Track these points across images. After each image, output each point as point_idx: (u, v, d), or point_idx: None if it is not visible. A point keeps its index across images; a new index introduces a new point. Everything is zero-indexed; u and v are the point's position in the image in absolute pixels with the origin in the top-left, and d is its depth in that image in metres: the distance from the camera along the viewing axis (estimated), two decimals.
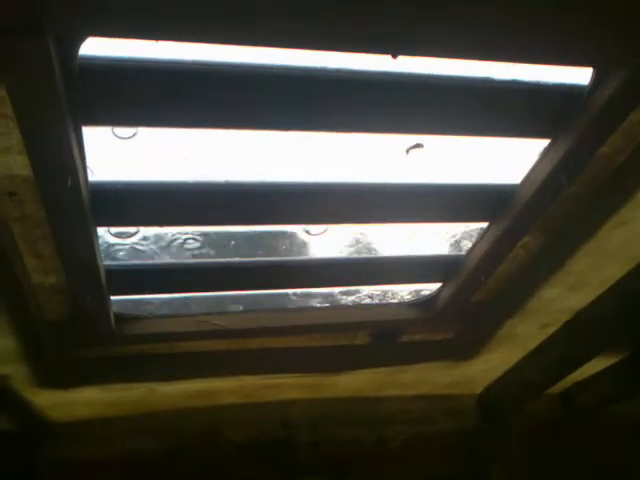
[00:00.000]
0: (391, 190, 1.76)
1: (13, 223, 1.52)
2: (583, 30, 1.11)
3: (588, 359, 2.43)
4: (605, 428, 3.18)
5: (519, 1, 1.04)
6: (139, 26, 0.99)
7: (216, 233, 2.01)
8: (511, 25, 1.09)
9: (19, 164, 1.33)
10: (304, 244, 2.09)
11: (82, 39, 1.08)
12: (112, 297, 1.98)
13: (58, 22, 0.96)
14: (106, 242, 1.87)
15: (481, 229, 1.96)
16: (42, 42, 0.99)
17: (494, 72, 1.40)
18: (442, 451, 3.12)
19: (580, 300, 2.21)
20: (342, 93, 1.36)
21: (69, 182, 1.33)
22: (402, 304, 2.38)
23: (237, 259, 2.06)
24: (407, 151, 1.58)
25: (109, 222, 1.69)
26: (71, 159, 1.29)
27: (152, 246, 1.97)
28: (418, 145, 1.56)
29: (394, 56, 1.09)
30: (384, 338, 2.45)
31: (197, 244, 2.00)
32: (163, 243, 1.98)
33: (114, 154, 1.52)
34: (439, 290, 2.27)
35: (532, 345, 2.57)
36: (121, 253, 1.93)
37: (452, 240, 2.17)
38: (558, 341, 2.45)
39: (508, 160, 1.75)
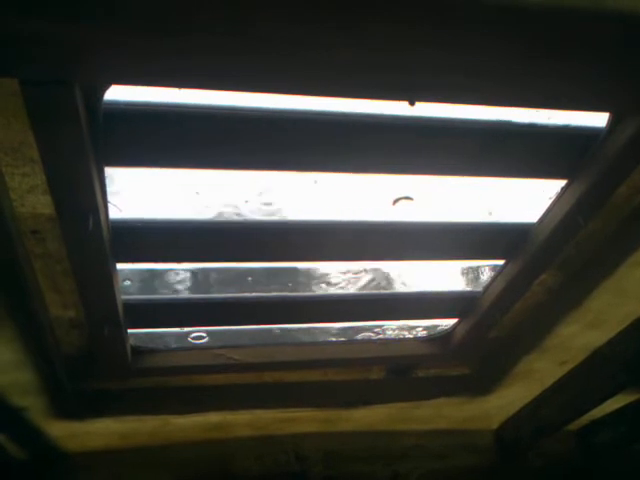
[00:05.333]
0: (409, 228, 1.76)
1: (35, 259, 1.55)
2: (599, 78, 1.12)
3: (606, 397, 2.39)
4: (624, 467, 3.11)
5: (535, 49, 1.06)
6: (162, 77, 1.01)
7: (233, 269, 2.02)
8: (528, 73, 1.10)
9: (42, 203, 1.37)
10: (320, 280, 2.09)
11: (107, 87, 1.11)
12: (129, 330, 1.99)
13: (85, 73, 0.98)
14: None
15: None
16: (69, 91, 1.02)
17: (512, 115, 1.42)
18: None
19: (599, 337, 2.19)
20: (359, 135, 1.38)
21: (90, 221, 1.35)
22: (418, 339, 2.38)
23: (254, 294, 2.06)
24: (394, 202, 1.60)
25: (128, 258, 1.71)
26: (93, 199, 1.32)
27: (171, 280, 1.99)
28: (407, 198, 1.57)
29: (411, 103, 1.10)
30: (400, 373, 2.44)
31: (214, 279, 2.01)
32: (182, 278, 2.00)
33: (135, 192, 1.55)
34: (455, 326, 2.25)
35: (550, 382, 2.54)
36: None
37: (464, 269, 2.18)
38: (576, 378, 2.42)
39: (525, 199, 1.75)
